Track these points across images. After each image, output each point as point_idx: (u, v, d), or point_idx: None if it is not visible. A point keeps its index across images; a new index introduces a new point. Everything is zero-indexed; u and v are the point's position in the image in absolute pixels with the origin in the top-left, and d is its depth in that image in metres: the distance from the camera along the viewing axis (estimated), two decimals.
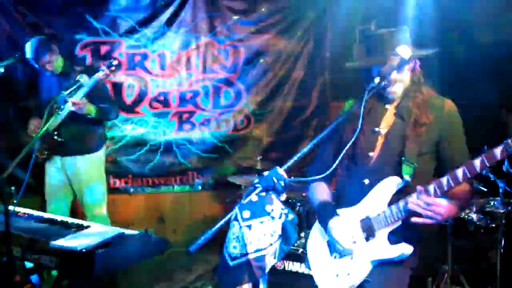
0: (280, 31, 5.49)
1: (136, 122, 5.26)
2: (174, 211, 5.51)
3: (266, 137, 5.59)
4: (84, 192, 4.05)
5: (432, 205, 1.95)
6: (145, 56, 5.27)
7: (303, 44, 5.56)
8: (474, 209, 3.56)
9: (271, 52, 5.51)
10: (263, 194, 1.65)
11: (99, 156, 4.14)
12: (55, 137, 3.82)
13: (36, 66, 3.91)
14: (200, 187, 5.53)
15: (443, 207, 1.96)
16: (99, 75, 3.73)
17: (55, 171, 4.04)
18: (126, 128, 5.23)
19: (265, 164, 4.72)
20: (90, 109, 3.78)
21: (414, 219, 2.00)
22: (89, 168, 4.05)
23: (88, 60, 5.04)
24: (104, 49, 5.19)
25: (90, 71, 3.92)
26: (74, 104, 3.62)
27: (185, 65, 5.39)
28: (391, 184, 2.15)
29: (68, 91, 2.74)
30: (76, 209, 4.28)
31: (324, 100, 5.66)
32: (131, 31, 5.20)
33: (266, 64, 5.53)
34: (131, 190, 5.37)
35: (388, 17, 4.73)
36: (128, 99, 5.26)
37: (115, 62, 3.78)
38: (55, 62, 3.89)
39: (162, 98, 5.38)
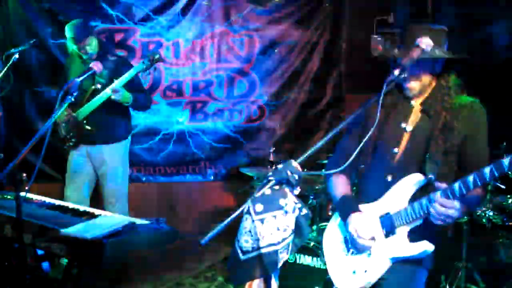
0: (295, 21, 5.41)
1: (149, 110, 5.24)
2: (186, 200, 5.51)
3: (279, 128, 5.53)
4: (107, 178, 4.08)
5: (450, 208, 1.91)
6: (159, 44, 5.23)
7: (319, 35, 5.47)
8: (491, 206, 3.50)
9: (286, 42, 5.44)
10: (277, 187, 1.61)
11: (125, 145, 4.17)
12: (85, 126, 3.83)
13: (73, 49, 3.87)
14: (212, 177, 5.52)
15: (457, 210, 1.91)
16: (140, 67, 3.78)
17: (79, 158, 4.06)
18: (139, 117, 5.21)
19: (278, 155, 4.68)
20: (127, 97, 3.81)
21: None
22: (115, 157, 4.08)
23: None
24: (118, 36, 5.16)
25: (122, 61, 4.03)
26: (115, 91, 3.68)
27: (199, 54, 5.34)
28: (413, 181, 2.10)
29: (81, 79, 2.71)
30: (97, 199, 4.30)
31: (339, 92, 5.59)
32: (145, 19, 5.17)
33: (281, 54, 5.46)
34: (144, 179, 5.37)
35: (407, 9, 4.64)
36: None
37: (157, 56, 3.79)
38: (92, 47, 3.87)
39: (175, 87, 5.35)
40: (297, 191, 1.65)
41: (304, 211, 1.63)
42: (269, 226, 1.59)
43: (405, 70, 2.02)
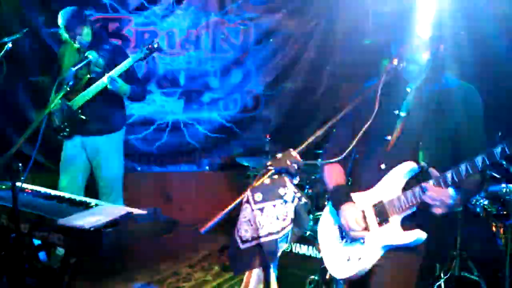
0: (291, 10, 5.39)
1: (143, 100, 5.20)
2: (181, 190, 5.51)
3: (275, 118, 5.54)
4: (102, 169, 4.05)
5: (443, 196, 1.92)
6: (154, 34, 5.20)
7: (315, 25, 5.45)
8: (486, 195, 3.52)
9: (282, 32, 5.42)
10: (276, 177, 1.62)
11: (120, 135, 4.14)
12: (80, 116, 3.80)
13: (66, 37, 3.81)
14: (207, 167, 5.52)
15: (451, 197, 1.93)
16: (138, 56, 3.73)
17: (74, 148, 4.02)
18: (134, 107, 5.18)
19: (273, 145, 4.68)
20: (125, 88, 3.78)
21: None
22: (110, 147, 4.04)
23: None
24: (112, 26, 5.13)
25: (118, 50, 3.96)
26: (112, 80, 3.62)
27: (194, 43, 5.32)
28: (406, 169, 2.10)
29: (76, 68, 2.69)
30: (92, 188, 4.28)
31: (335, 81, 5.58)
32: (140, 8, 5.14)
33: (277, 44, 5.45)
34: (139, 168, 5.36)
35: None
36: None
37: (155, 45, 3.75)
38: (85, 36, 3.82)
39: (170, 77, 5.33)
40: (296, 180, 1.65)
41: (304, 200, 1.63)
42: (268, 215, 1.59)
43: (404, 60, 2.02)
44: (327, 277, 2.36)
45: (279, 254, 1.60)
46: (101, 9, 5.03)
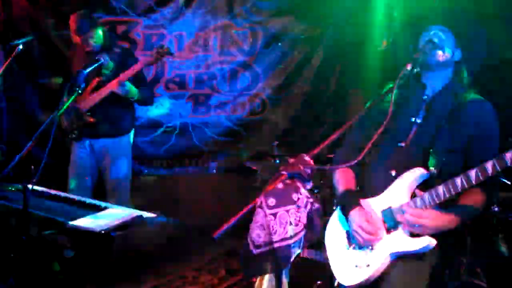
0: (299, 14, 5.38)
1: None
2: (188, 193, 5.49)
3: (282, 122, 5.53)
4: (111, 171, 4.05)
5: (418, 218, 1.94)
6: (162, 37, 5.21)
7: (323, 29, 5.45)
8: (496, 202, 3.49)
9: (290, 36, 5.42)
10: (289, 181, 1.61)
11: (129, 138, 4.13)
12: (89, 118, 3.80)
13: (77, 40, 3.80)
14: (214, 170, 5.51)
15: (431, 219, 1.94)
16: (148, 60, 3.72)
17: (82, 151, 4.01)
18: (142, 110, 5.18)
19: (280, 149, 4.68)
20: (134, 92, 3.77)
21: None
22: (119, 150, 4.04)
23: None
24: (121, 28, 5.14)
25: (128, 53, 3.98)
26: (121, 83, 3.62)
27: (202, 47, 5.32)
28: (415, 175, 2.09)
29: (88, 70, 2.70)
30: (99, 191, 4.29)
31: (342, 86, 5.57)
32: (148, 11, 5.15)
33: (284, 48, 5.44)
34: (146, 171, 5.36)
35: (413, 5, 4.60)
36: None
37: (165, 49, 3.74)
38: (96, 39, 3.82)
39: (178, 79, 5.33)
40: (309, 185, 1.64)
41: (316, 205, 1.62)
42: (281, 221, 1.59)
43: (417, 65, 2.01)
44: (336, 285, 2.33)
45: (292, 260, 1.59)
46: (110, 11, 5.04)
